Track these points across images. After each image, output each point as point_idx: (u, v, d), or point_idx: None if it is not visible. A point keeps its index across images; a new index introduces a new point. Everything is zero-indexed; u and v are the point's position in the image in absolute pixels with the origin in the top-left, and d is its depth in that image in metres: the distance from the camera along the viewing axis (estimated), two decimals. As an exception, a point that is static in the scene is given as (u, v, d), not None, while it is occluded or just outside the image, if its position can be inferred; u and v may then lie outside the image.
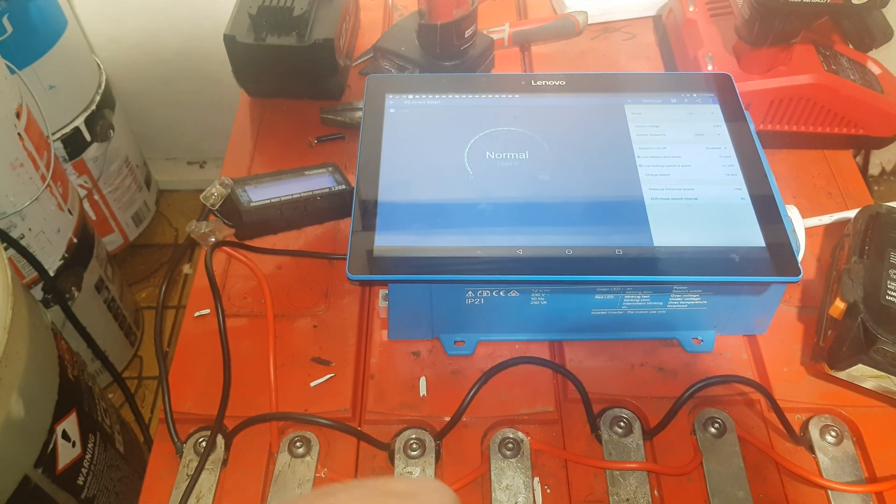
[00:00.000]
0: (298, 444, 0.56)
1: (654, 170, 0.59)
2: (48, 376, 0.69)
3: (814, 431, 0.56)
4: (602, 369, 0.60)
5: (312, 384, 0.59)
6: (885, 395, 0.57)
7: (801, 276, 0.52)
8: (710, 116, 0.63)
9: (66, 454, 0.69)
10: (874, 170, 1.27)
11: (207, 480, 0.54)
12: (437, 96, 0.65)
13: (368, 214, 0.56)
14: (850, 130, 0.74)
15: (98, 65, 1.26)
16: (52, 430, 0.67)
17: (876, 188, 1.31)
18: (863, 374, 0.54)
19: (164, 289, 0.69)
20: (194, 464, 0.55)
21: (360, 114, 0.78)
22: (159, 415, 0.58)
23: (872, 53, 0.77)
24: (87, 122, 1.20)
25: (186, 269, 1.44)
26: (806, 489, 0.53)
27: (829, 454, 0.55)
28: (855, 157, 0.79)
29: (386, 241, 0.55)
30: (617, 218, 0.56)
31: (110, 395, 1.24)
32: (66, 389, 0.70)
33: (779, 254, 0.53)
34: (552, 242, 0.54)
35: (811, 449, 0.55)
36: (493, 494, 0.53)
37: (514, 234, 0.55)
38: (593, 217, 0.56)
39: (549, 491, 0.54)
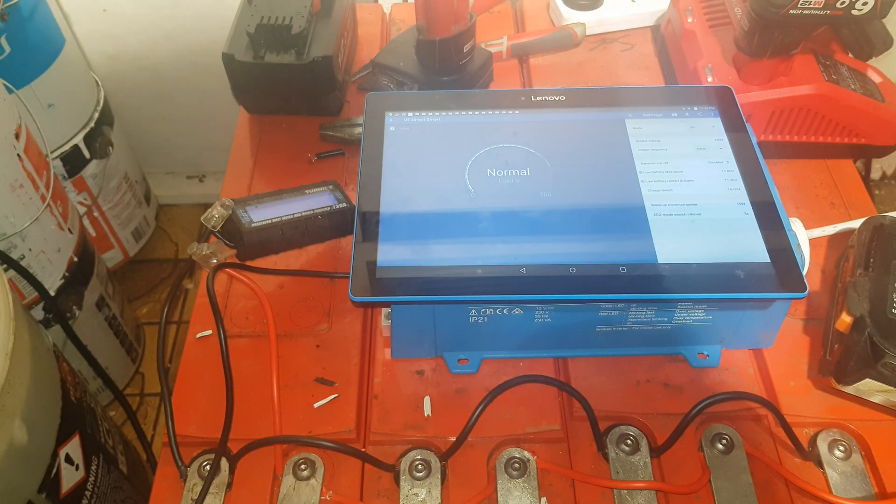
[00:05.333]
0: (303, 466, 0.55)
1: (656, 185, 0.59)
2: (51, 400, 0.68)
3: (822, 446, 0.55)
4: (607, 386, 0.59)
5: (316, 405, 0.59)
6: (894, 410, 0.57)
7: (807, 291, 0.51)
8: (711, 130, 0.63)
9: (69, 478, 0.69)
10: (874, 174, 1.27)
11: (212, 505, 0.54)
12: (437, 113, 0.65)
13: (370, 236, 0.56)
14: (852, 140, 0.74)
15: (96, 82, 1.26)
16: (55, 455, 0.67)
17: (877, 192, 1.31)
18: (870, 389, 0.54)
19: (166, 308, 0.68)
20: (198, 488, 0.54)
21: (359, 129, 0.78)
22: (163, 438, 0.58)
23: (872, 62, 0.77)
24: (86, 139, 1.20)
25: (187, 284, 1.45)
26: (815, 505, 0.53)
27: (838, 469, 0.54)
28: (855, 163, 0.78)
29: (388, 262, 0.54)
30: (620, 235, 0.55)
31: (112, 413, 1.23)
32: (68, 412, 0.70)
33: (784, 269, 0.53)
34: (555, 261, 0.54)
35: (820, 464, 0.55)
36: (500, 516, 0.53)
37: (517, 253, 0.54)
38: (596, 234, 0.56)
39: (556, 511, 0.53)
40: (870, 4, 0.64)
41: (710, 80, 0.73)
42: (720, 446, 0.55)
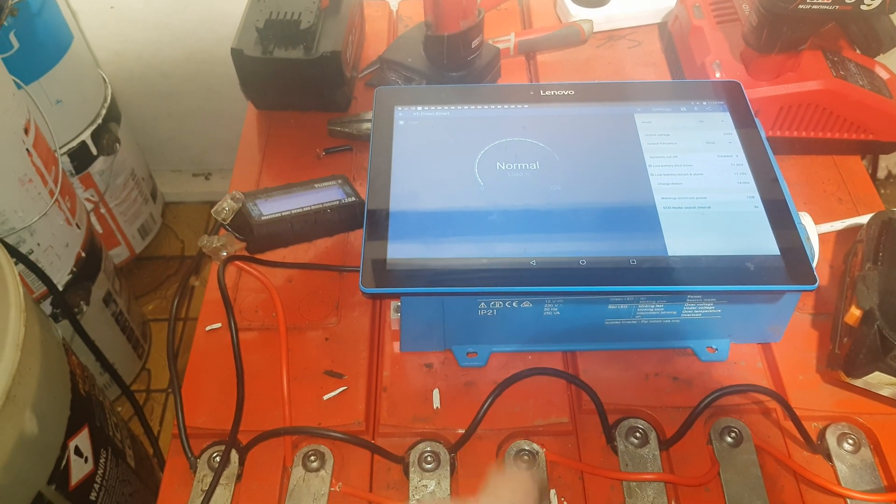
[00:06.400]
0: (313, 458, 0.56)
1: (665, 178, 0.59)
2: (60, 392, 0.68)
3: (831, 439, 0.55)
4: (616, 379, 0.60)
5: (325, 397, 0.59)
6: (902, 402, 0.57)
7: (816, 283, 0.51)
8: (720, 124, 0.63)
9: (78, 470, 0.69)
10: (881, 174, 1.27)
11: (222, 496, 0.54)
12: (446, 108, 0.65)
13: (380, 228, 0.56)
14: (860, 136, 0.74)
15: (103, 79, 1.26)
16: (64, 446, 0.67)
17: (883, 191, 1.31)
18: (880, 382, 0.54)
19: (176, 302, 0.68)
20: (208, 479, 0.55)
21: (367, 125, 0.78)
22: (172, 430, 0.58)
23: (880, 58, 0.77)
24: (94, 135, 1.20)
25: (193, 281, 1.45)
26: (824, 498, 0.53)
27: (847, 462, 0.54)
28: (862, 160, 0.79)
29: (398, 254, 0.55)
30: (630, 227, 0.56)
31: (119, 409, 1.24)
32: (78, 405, 0.70)
33: (794, 261, 0.53)
34: (565, 253, 0.54)
35: (829, 457, 0.55)
36: (509, 507, 0.53)
37: (526, 245, 0.55)
38: (606, 227, 0.56)
39: (565, 503, 0.53)
40: (878, 0, 0.64)
41: (718, 75, 0.73)
42: (729, 439, 0.55)
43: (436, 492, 0.54)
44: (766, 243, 0.54)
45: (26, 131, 0.88)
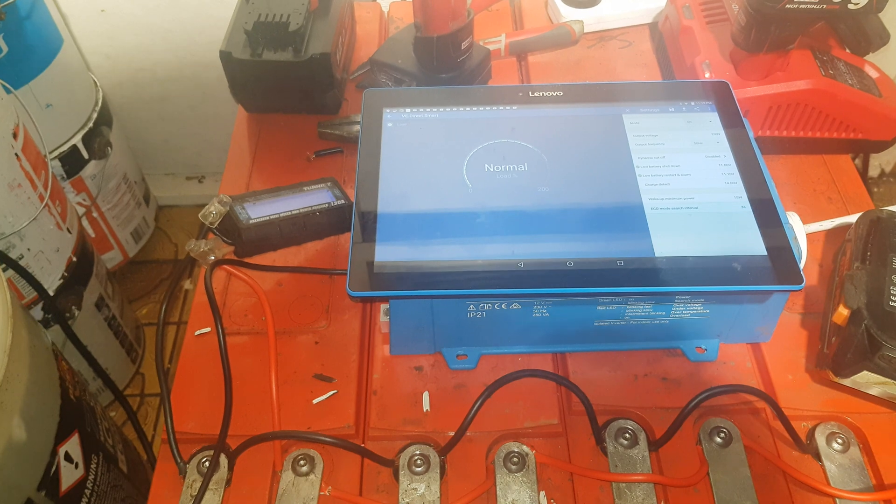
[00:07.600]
0: (302, 462, 0.56)
1: (653, 179, 0.59)
2: (49, 398, 0.68)
3: (820, 439, 0.55)
4: (606, 380, 0.59)
5: (315, 401, 0.59)
6: (891, 402, 0.57)
7: (803, 284, 0.51)
8: (708, 124, 0.63)
9: (68, 476, 0.69)
10: (873, 171, 1.27)
11: (211, 501, 0.54)
12: (434, 109, 0.65)
13: (368, 230, 0.56)
14: (849, 135, 0.74)
15: (94, 82, 1.26)
16: (54, 452, 0.67)
17: (875, 190, 1.31)
18: (868, 381, 0.54)
19: (164, 307, 0.68)
20: (198, 484, 0.55)
21: (357, 127, 0.78)
22: (162, 434, 0.58)
23: (869, 57, 0.77)
24: (85, 139, 1.20)
25: (187, 284, 1.45)
26: (814, 498, 0.53)
27: (836, 462, 0.54)
28: (854, 159, 0.79)
29: (386, 256, 0.54)
30: (617, 228, 0.56)
31: (112, 414, 1.23)
32: (67, 410, 0.70)
33: (781, 262, 0.53)
34: (553, 255, 0.54)
35: (818, 457, 0.55)
36: (499, 510, 0.53)
37: (514, 247, 0.54)
38: (594, 228, 0.56)
39: (555, 505, 0.53)
40: (865, -1, 0.64)
41: (707, 75, 0.73)
42: (718, 439, 0.55)
43: (425, 495, 0.54)
44: (753, 243, 0.54)
45: (15, 136, 0.88)
